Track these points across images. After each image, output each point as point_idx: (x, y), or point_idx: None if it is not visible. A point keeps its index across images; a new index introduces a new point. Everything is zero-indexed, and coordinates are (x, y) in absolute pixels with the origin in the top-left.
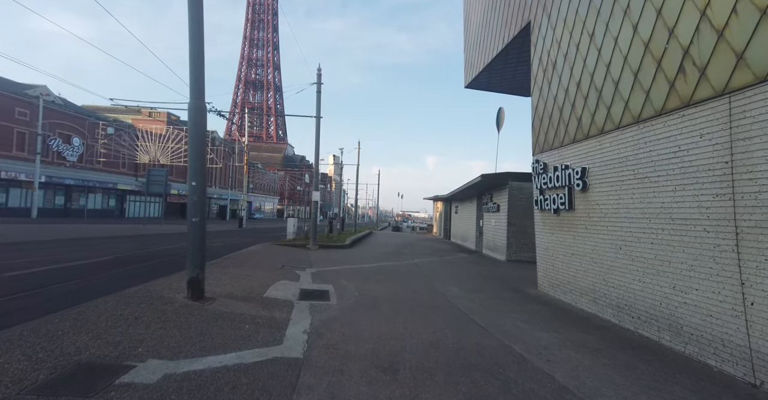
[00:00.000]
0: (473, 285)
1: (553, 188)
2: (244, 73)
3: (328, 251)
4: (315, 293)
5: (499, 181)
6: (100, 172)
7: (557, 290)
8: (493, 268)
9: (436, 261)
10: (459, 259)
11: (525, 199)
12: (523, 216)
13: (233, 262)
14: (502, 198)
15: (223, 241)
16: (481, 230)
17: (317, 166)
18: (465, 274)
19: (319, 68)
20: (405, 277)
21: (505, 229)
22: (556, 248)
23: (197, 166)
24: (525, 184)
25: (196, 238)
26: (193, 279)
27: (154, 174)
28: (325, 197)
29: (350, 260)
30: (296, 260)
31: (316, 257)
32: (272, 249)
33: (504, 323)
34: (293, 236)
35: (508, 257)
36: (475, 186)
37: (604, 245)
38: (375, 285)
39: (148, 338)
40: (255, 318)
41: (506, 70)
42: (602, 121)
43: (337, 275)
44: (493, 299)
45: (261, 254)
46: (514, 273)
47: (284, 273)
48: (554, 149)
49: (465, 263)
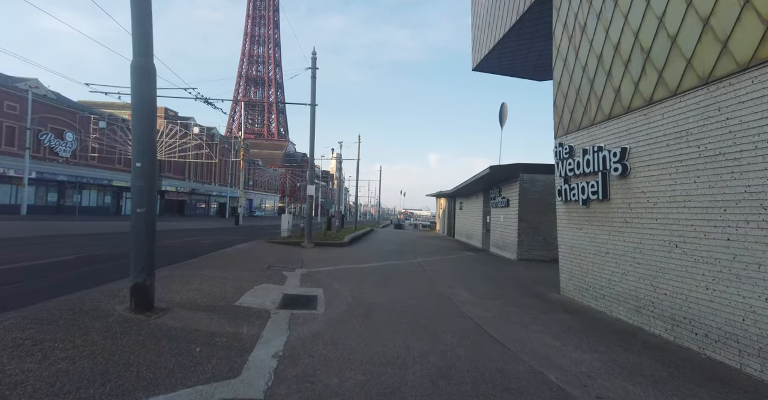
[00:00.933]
0: (484, 289)
1: (581, 175)
2: (245, 70)
3: (323, 250)
4: (300, 300)
5: (509, 174)
6: (95, 169)
7: (586, 295)
8: (503, 268)
9: (440, 260)
10: (465, 258)
11: (538, 192)
12: (536, 211)
13: (212, 261)
14: (512, 192)
15: (214, 238)
16: (488, 226)
17: (312, 158)
18: (473, 275)
19: (314, 52)
20: (407, 279)
21: (516, 225)
22: (585, 246)
23: (143, 144)
24: (538, 176)
25: (142, 233)
26: (138, 286)
27: None
28: (327, 195)
29: (347, 259)
30: (287, 259)
31: (309, 255)
32: (263, 247)
33: (529, 339)
34: (288, 233)
35: (519, 256)
36: (482, 180)
37: (652, 242)
38: (372, 289)
39: (31, 379)
40: (213, 336)
41: (519, 49)
42: (650, 88)
43: (329, 277)
44: (510, 307)
45: (249, 252)
46: (528, 274)
47: (269, 274)
48: (583, 129)
49: (472, 263)
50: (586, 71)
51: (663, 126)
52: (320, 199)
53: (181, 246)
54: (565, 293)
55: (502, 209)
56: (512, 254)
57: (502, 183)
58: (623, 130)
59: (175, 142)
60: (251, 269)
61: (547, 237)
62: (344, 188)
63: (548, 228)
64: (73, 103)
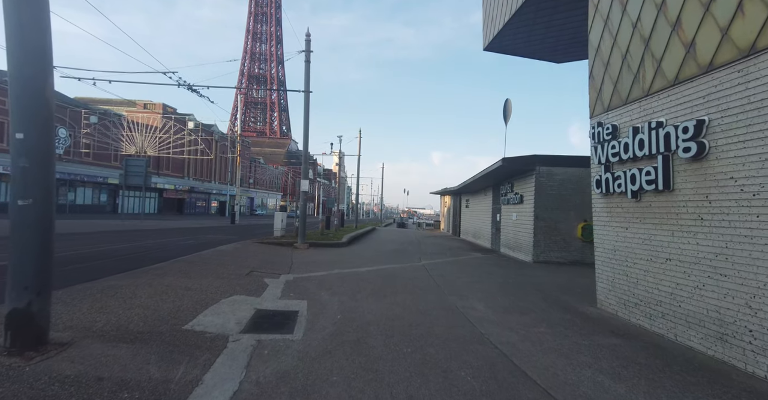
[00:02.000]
0: (503, 300)
1: (629, 161)
2: (247, 67)
3: (318, 251)
4: (275, 318)
5: (524, 167)
6: (90, 166)
7: (635, 311)
8: (520, 272)
9: (447, 263)
10: (474, 260)
11: (556, 187)
12: (554, 208)
13: (182, 266)
14: (526, 187)
15: (200, 238)
16: (497, 225)
17: (306, 150)
18: (488, 281)
19: (308, 33)
20: (410, 286)
21: (531, 224)
22: (634, 249)
23: (29, 105)
24: (556, 169)
25: (28, 235)
26: (17, 313)
27: (132, 164)
28: (329, 193)
29: (343, 261)
30: (274, 262)
31: (301, 258)
32: (250, 248)
33: (578, 380)
34: (281, 232)
35: (535, 258)
36: (491, 174)
37: (748, 246)
38: (368, 300)
39: None
40: (121, 390)
41: (537, 25)
42: (751, 31)
43: (319, 285)
44: (540, 325)
45: (231, 254)
46: (550, 280)
47: (246, 283)
48: (632, 102)
49: (483, 266)
50: (638, 27)
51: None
52: (322, 197)
53: (156, 248)
54: (605, 307)
55: (514, 206)
56: (527, 256)
57: (514, 178)
58: (699, 98)
59: (170, 137)
60: (226, 276)
61: (566, 237)
62: (347, 187)
63: (567, 227)
64: (67, 99)
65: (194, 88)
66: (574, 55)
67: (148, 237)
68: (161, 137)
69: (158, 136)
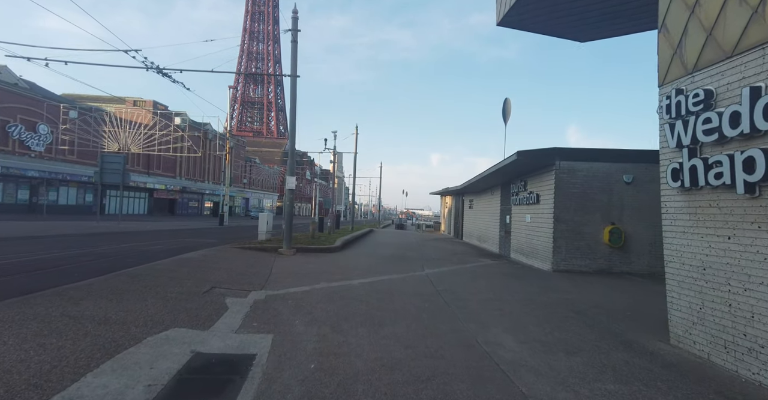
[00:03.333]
0: (537, 328)
1: (740, 138)
2: (244, 66)
3: (306, 257)
4: (216, 372)
5: (542, 161)
6: (73, 164)
7: (750, 361)
8: (542, 284)
9: (454, 272)
10: (484, 268)
11: (579, 185)
12: (577, 209)
13: (118, 283)
14: (544, 184)
15: (175, 242)
16: (507, 227)
17: (293, 142)
18: (508, 297)
19: (295, 11)
20: (413, 308)
21: (550, 227)
22: (748, 269)
23: None
24: (579, 164)
25: None
26: None
27: (108, 161)
28: (327, 194)
29: (333, 271)
30: (247, 273)
31: (284, 266)
32: (225, 255)
33: None
34: (267, 236)
35: (555, 266)
36: (502, 171)
37: None
38: (358, 333)
39: None
40: None
41: None
42: None
43: (296, 307)
44: (604, 377)
45: (196, 264)
46: (583, 296)
47: (198, 306)
48: (749, 51)
49: (496, 276)
50: None
51: None
52: (319, 198)
53: (109, 255)
54: (685, 345)
55: (528, 206)
56: (544, 263)
57: (528, 174)
58: None
59: (155, 134)
60: (173, 297)
61: (591, 242)
62: (344, 187)
63: (592, 231)
64: (49, 94)
65: (165, 72)
66: (603, 31)
67: (113, 241)
68: (146, 134)
69: (143, 133)
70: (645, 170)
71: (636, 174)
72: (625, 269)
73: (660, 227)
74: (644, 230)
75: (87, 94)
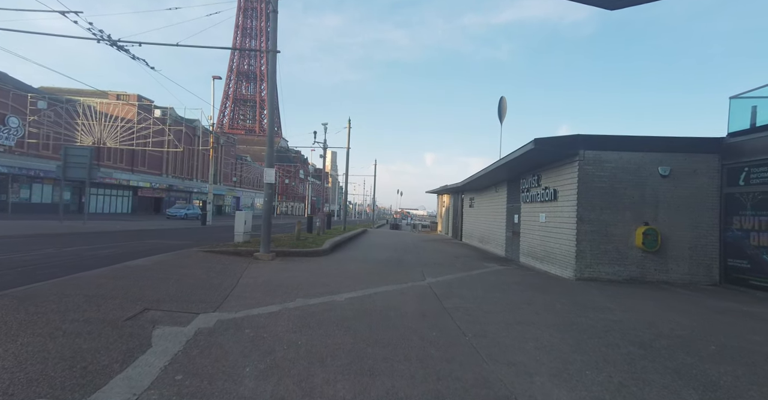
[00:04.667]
0: (601, 376)
1: None
2: (236, 63)
3: (287, 263)
4: None
5: (562, 152)
6: (48, 160)
7: None
8: (571, 299)
9: (461, 281)
10: (495, 275)
11: (606, 178)
12: (604, 206)
13: (1, 307)
14: (563, 178)
15: (135, 244)
16: (515, 228)
17: (272, 126)
18: (540, 321)
19: None
20: (416, 338)
21: (573, 228)
22: None
23: None
24: (607, 154)
25: None
26: None
27: (73, 154)
28: (321, 193)
29: (316, 281)
30: (204, 286)
31: (256, 276)
32: (185, 261)
33: None
34: (245, 237)
35: (579, 274)
36: (510, 165)
37: None
38: (335, 394)
39: None
40: None
41: None
42: None
43: (252, 344)
44: None
45: (139, 274)
46: (633, 316)
47: (102, 345)
48: None
49: (513, 286)
50: None
51: None
52: (312, 197)
53: (31, 263)
54: None
55: (542, 204)
56: (564, 270)
57: (543, 168)
58: None
59: (133, 127)
60: (69, 331)
61: (621, 245)
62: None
63: (622, 232)
64: (21, 84)
65: (120, 45)
66: None
67: (59, 244)
68: (124, 127)
69: (120, 126)
70: (684, 161)
71: (674, 165)
72: (661, 278)
73: (703, 228)
74: (684, 232)
75: (68, 88)
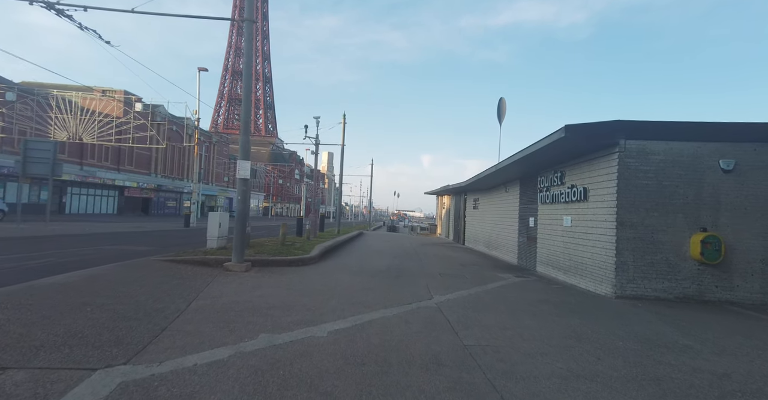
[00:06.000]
0: None
1: None
2: (232, 62)
3: (263, 275)
4: None
5: (597, 142)
6: None
7: None
8: (632, 330)
9: (477, 299)
10: (516, 291)
11: (653, 174)
12: (649, 208)
13: None
14: (598, 174)
15: (85, 251)
16: (531, 233)
17: (247, 107)
18: (610, 372)
19: None
20: None
21: (611, 233)
22: None
23: None
24: (654, 145)
25: None
26: None
27: (33, 147)
28: (315, 193)
29: (293, 302)
30: (137, 313)
31: (216, 295)
32: (135, 274)
33: None
34: (219, 242)
35: (619, 290)
36: (528, 159)
37: None
38: None
39: None
40: None
41: None
42: None
43: None
44: None
45: (56, 297)
46: (741, 367)
47: None
48: None
49: (543, 308)
50: None
51: None
52: (308, 198)
53: None
54: None
55: (567, 204)
56: (599, 285)
57: (568, 162)
58: None
59: (113, 122)
60: None
61: (671, 256)
62: (335, 188)
63: (673, 239)
64: None
65: (61, 10)
66: None
67: None
68: (102, 121)
69: (98, 120)
70: (753, 153)
71: (739, 158)
72: (724, 297)
73: None
74: (754, 240)
75: (51, 83)
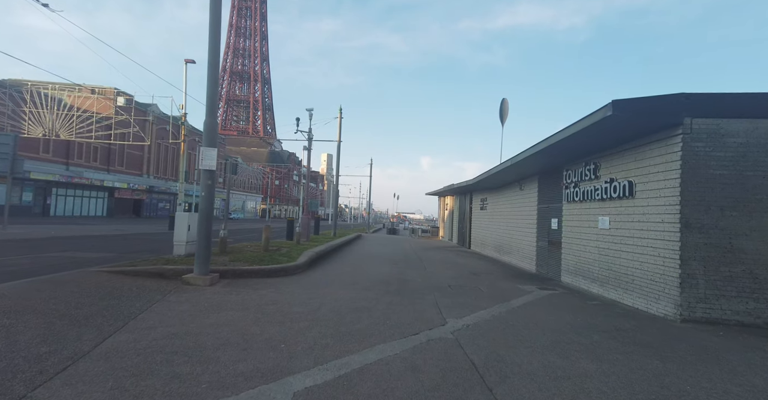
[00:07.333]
0: None
1: None
2: (230, 63)
3: (228, 292)
4: None
5: (651, 122)
6: None
7: None
8: (738, 382)
9: (504, 324)
10: (546, 309)
11: (729, 161)
12: (726, 207)
13: None
14: (646, 165)
15: (29, 259)
16: (553, 236)
17: (214, 68)
18: None
19: None
20: None
21: (672, 238)
22: None
23: None
24: (730, 124)
25: None
26: None
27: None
28: (315, 196)
29: (255, 336)
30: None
31: (150, 327)
32: (47, 295)
33: None
34: (187, 248)
35: (687, 311)
36: (554, 148)
37: None
38: None
39: None
40: None
41: None
42: None
43: None
44: None
45: None
46: None
47: None
48: None
49: (595, 338)
50: None
51: None
52: (306, 199)
53: None
54: None
55: (604, 203)
56: (654, 303)
57: (602, 152)
58: None
59: (92, 117)
60: None
61: (758, 268)
62: (333, 188)
63: (763, 246)
64: None
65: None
66: None
67: None
68: (80, 116)
69: (76, 116)
70: None
71: None
72: None
73: None
74: None
75: (40, 81)
